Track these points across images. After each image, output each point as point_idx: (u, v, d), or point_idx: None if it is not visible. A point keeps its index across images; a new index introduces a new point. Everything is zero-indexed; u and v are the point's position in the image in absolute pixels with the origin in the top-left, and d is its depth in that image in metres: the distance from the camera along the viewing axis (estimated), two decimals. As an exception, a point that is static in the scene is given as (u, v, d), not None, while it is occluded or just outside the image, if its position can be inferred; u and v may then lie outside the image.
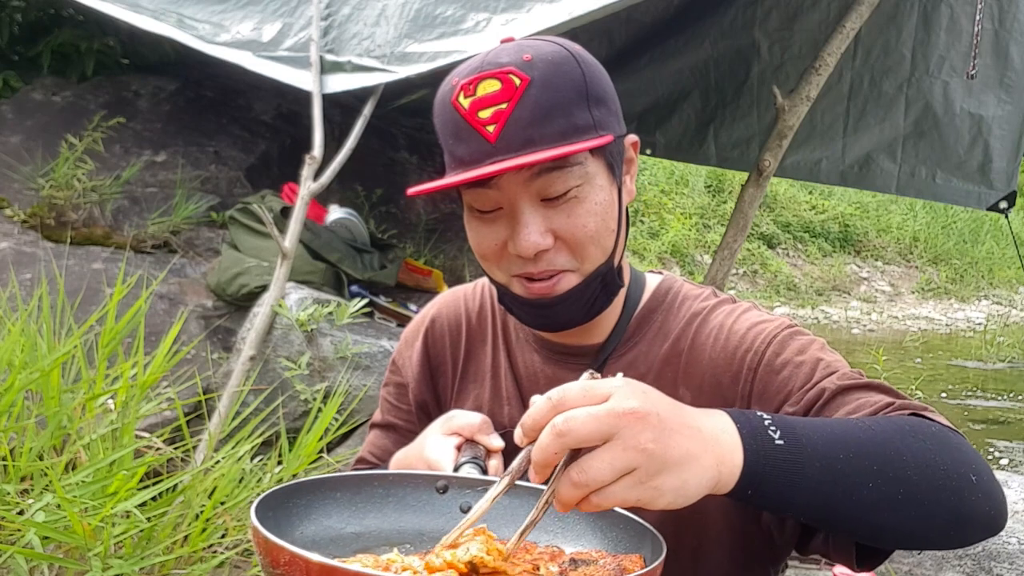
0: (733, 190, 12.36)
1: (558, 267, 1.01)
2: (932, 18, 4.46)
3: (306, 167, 3.21)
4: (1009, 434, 6.18)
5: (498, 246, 1.03)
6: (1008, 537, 3.43)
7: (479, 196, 1.01)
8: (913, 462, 0.82)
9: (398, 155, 5.24)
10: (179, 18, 3.76)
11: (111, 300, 2.36)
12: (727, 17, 4.80)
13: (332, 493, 0.89)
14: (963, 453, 0.86)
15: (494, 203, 1.01)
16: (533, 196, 0.99)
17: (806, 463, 0.79)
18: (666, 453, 0.72)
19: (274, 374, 3.03)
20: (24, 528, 1.72)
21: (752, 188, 4.37)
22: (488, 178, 0.98)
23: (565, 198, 0.99)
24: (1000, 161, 4.62)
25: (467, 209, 1.06)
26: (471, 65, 1.00)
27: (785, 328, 1.06)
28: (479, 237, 1.04)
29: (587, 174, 1.00)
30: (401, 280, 3.86)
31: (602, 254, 1.03)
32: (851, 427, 0.84)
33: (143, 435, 2.35)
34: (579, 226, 1.00)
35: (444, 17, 3.38)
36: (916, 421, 0.87)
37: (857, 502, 0.80)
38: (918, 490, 0.81)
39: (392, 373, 1.29)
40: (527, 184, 0.98)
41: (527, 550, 0.84)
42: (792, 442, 0.79)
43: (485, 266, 1.07)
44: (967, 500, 0.83)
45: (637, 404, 0.72)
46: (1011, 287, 14.18)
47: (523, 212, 0.99)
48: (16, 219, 3.73)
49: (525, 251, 0.99)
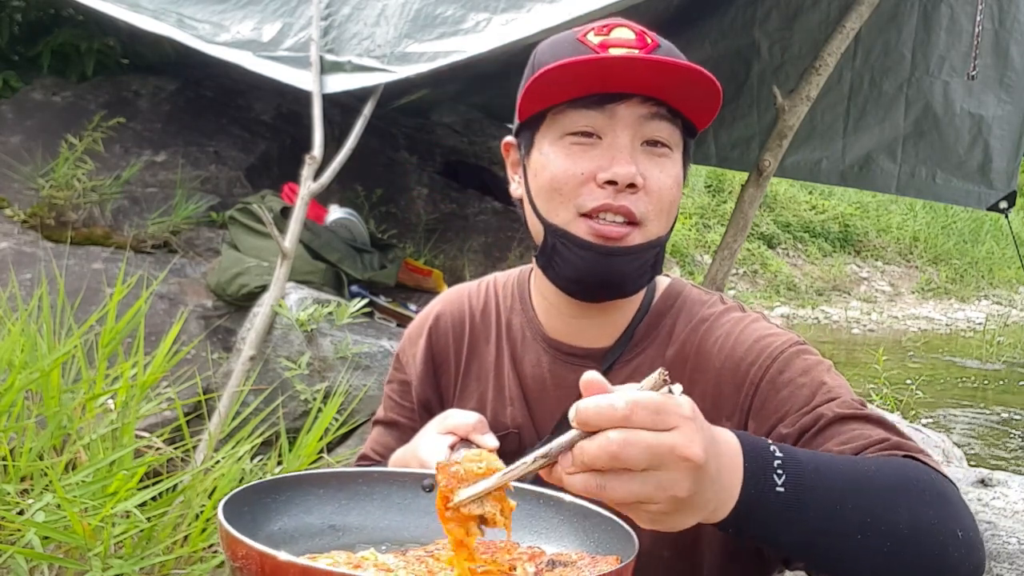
0: (733, 190, 12.35)
1: (636, 212, 1.01)
2: (932, 18, 4.46)
3: (306, 167, 3.21)
4: (1009, 433, 6.18)
5: (582, 175, 1.01)
6: (1008, 537, 3.43)
7: (584, 116, 1.01)
8: (906, 516, 0.82)
9: (398, 155, 5.24)
10: (179, 18, 3.76)
11: (111, 300, 2.36)
12: (727, 17, 4.79)
13: (315, 489, 0.88)
14: (953, 506, 0.86)
15: (596, 128, 1.01)
16: (638, 137, 1.01)
17: (801, 511, 0.78)
18: (690, 502, 0.70)
19: (274, 374, 3.03)
20: (24, 528, 1.72)
21: (752, 188, 4.38)
22: (608, 101, 0.98)
23: (661, 149, 1.02)
24: (1000, 161, 4.62)
25: (556, 138, 1.03)
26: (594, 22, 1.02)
27: (792, 344, 1.05)
28: (563, 163, 1.02)
29: (679, 144, 1.04)
30: (401, 280, 3.86)
31: (666, 224, 1.05)
32: (858, 473, 0.83)
33: (143, 435, 2.34)
34: (665, 185, 1.02)
35: (444, 17, 3.38)
36: (917, 469, 0.87)
37: (842, 550, 0.80)
38: (905, 546, 0.81)
39: (396, 370, 1.28)
40: (640, 122, 1.00)
41: (507, 550, 0.84)
42: (792, 490, 0.77)
43: (552, 200, 1.04)
44: (951, 556, 0.83)
45: (698, 452, 0.68)
46: (1011, 287, 14.17)
47: (627, 146, 1.00)
48: (16, 219, 3.73)
49: (623, 176, 0.99)
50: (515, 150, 1.14)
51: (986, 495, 3.79)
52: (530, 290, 1.19)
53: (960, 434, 6.06)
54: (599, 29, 1.00)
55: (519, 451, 1.13)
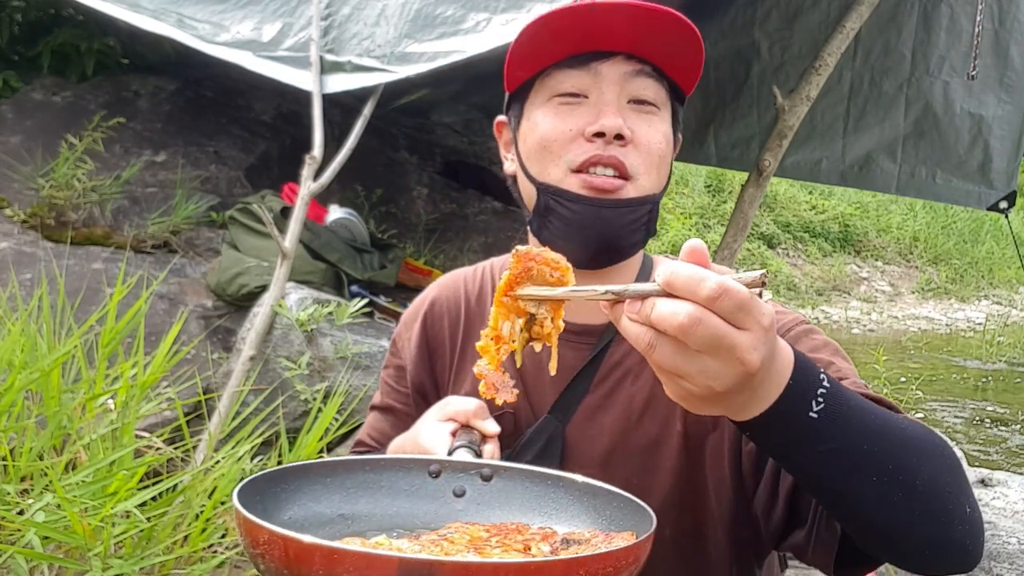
0: (733, 190, 12.35)
1: (626, 163, 1.02)
2: (932, 18, 4.46)
3: (306, 167, 3.21)
4: (1009, 433, 6.18)
5: (571, 131, 1.03)
6: (1008, 537, 3.43)
7: (569, 77, 1.03)
8: (925, 474, 0.82)
9: (398, 155, 5.24)
10: (179, 18, 3.76)
11: (111, 300, 2.36)
12: (727, 17, 4.79)
13: (322, 478, 0.88)
14: (966, 482, 0.87)
15: (582, 88, 1.03)
16: (624, 94, 1.02)
17: (826, 442, 0.77)
18: (722, 398, 0.70)
19: (274, 374, 3.02)
20: (24, 528, 1.72)
21: (752, 188, 4.37)
22: (592, 59, 1.00)
23: (648, 107, 1.03)
24: (1000, 161, 4.62)
25: (544, 100, 1.05)
26: None
27: (800, 323, 1.06)
28: (553, 122, 1.04)
29: (666, 103, 1.05)
30: (401, 280, 3.86)
31: (658, 180, 1.06)
32: (891, 422, 0.83)
33: (143, 435, 2.34)
34: (654, 140, 1.03)
35: (444, 17, 3.38)
36: (939, 438, 0.87)
37: (856, 488, 0.80)
38: (917, 500, 0.81)
39: (392, 355, 1.28)
40: (625, 79, 1.02)
41: (519, 531, 0.84)
42: (824, 419, 0.76)
43: (544, 158, 1.05)
44: (955, 527, 0.83)
45: (755, 361, 0.67)
46: (1011, 287, 14.17)
47: (615, 99, 1.02)
48: (16, 219, 3.73)
49: (610, 128, 1.00)
50: (507, 128, 1.15)
51: (986, 495, 3.79)
52: None
53: (960, 434, 6.06)
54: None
55: (515, 431, 1.13)
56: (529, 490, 0.90)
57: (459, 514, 0.89)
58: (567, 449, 1.11)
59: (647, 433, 1.08)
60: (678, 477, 1.06)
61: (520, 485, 0.90)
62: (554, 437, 1.11)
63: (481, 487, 0.91)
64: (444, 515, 0.89)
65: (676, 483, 1.06)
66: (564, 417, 1.11)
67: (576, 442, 1.11)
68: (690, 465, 1.06)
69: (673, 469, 1.06)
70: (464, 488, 0.91)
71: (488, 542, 0.81)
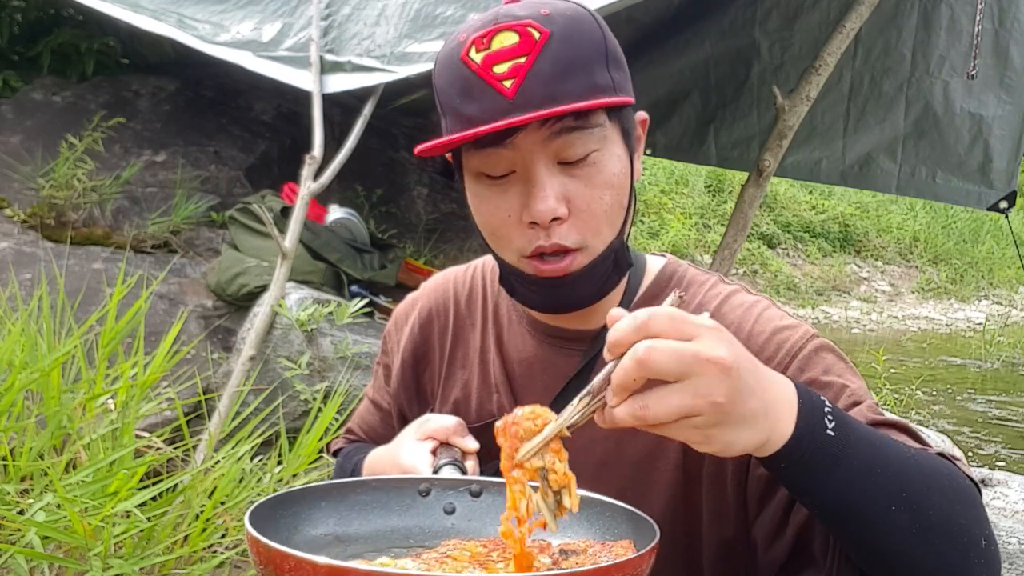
0: (733, 190, 12.35)
1: (569, 244, 0.96)
2: (932, 18, 4.46)
3: (306, 167, 3.21)
4: (1009, 433, 6.18)
5: (509, 218, 0.97)
6: (1008, 537, 3.43)
7: (491, 157, 0.95)
8: (939, 506, 0.81)
9: (398, 155, 5.24)
10: (179, 18, 3.76)
11: (111, 300, 2.36)
12: (727, 17, 4.80)
13: (318, 502, 0.89)
14: (982, 515, 0.85)
15: (507, 166, 0.95)
16: (551, 158, 0.94)
17: (846, 462, 0.77)
18: (733, 410, 0.71)
19: (274, 374, 3.03)
20: (24, 528, 1.72)
21: (752, 188, 4.38)
22: (505, 137, 0.92)
23: (584, 163, 0.95)
24: (1000, 161, 4.62)
25: (474, 178, 0.99)
26: (482, 19, 0.95)
27: (810, 339, 1.01)
28: (488, 207, 0.98)
29: (605, 139, 0.96)
30: (401, 280, 3.86)
31: (611, 232, 1.00)
32: (898, 449, 0.83)
33: (143, 435, 2.35)
34: (596, 197, 0.96)
35: (444, 17, 3.38)
36: (953, 469, 0.86)
37: (873, 517, 0.79)
38: (932, 533, 0.80)
39: (383, 353, 1.27)
40: (546, 144, 0.93)
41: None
42: (842, 437, 0.77)
43: (494, 244, 1.02)
44: (971, 561, 0.82)
45: (724, 354, 0.70)
46: (1011, 287, 14.17)
47: (540, 174, 0.94)
48: (16, 219, 3.73)
49: (541, 215, 0.94)
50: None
51: (986, 495, 3.79)
52: None
53: (960, 434, 6.06)
54: (478, 40, 0.93)
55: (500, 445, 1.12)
56: None
57: (451, 531, 0.90)
58: None
59: (641, 445, 1.05)
60: (673, 492, 1.04)
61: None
62: None
63: (471, 503, 0.92)
64: (437, 533, 0.90)
65: (671, 499, 1.04)
66: None
67: (569, 453, 1.09)
68: (687, 481, 1.04)
69: (668, 484, 1.04)
70: (454, 505, 0.92)
71: (490, 556, 0.82)
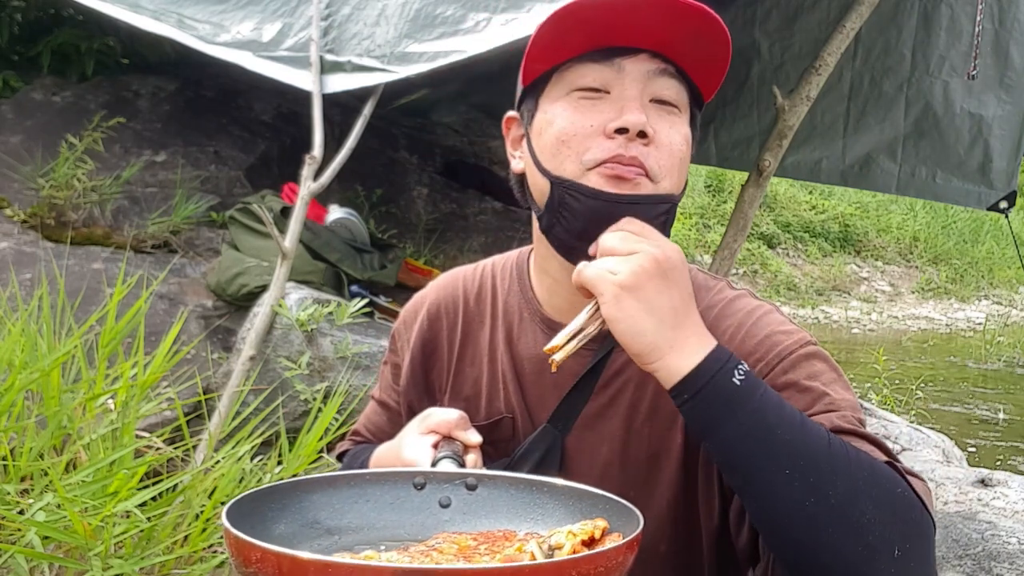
0: (733, 190, 12.35)
1: (647, 165, 0.98)
2: (932, 18, 4.46)
3: (306, 167, 3.21)
4: (1009, 433, 6.18)
5: (592, 127, 0.98)
6: (1008, 537, 3.43)
7: (591, 71, 0.99)
8: (844, 494, 0.80)
9: (398, 155, 5.24)
10: (179, 18, 3.76)
11: (111, 300, 2.36)
12: (727, 17, 4.76)
13: (309, 495, 0.89)
14: (907, 525, 0.82)
15: (604, 83, 0.99)
16: (647, 93, 0.99)
17: (744, 414, 0.83)
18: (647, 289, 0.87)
19: (274, 374, 3.03)
20: (24, 528, 1.72)
21: (752, 188, 4.37)
22: (616, 54, 0.98)
23: (670, 108, 1.01)
24: (1000, 161, 4.62)
25: (564, 95, 1.01)
26: None
27: (804, 344, 1.01)
28: (572, 116, 0.99)
29: (686, 105, 1.03)
30: (401, 280, 3.86)
31: (678, 183, 1.02)
32: (814, 428, 0.84)
33: (143, 435, 2.35)
34: (675, 141, 1.01)
35: (444, 17, 3.38)
36: (881, 468, 0.85)
37: (767, 477, 0.81)
38: (828, 517, 0.79)
39: (391, 351, 1.28)
40: (648, 78, 0.99)
41: (506, 538, 0.85)
42: (746, 390, 0.84)
43: (560, 154, 1.00)
44: (880, 566, 0.80)
45: (658, 253, 0.89)
46: (1011, 287, 14.17)
47: (635, 97, 0.98)
48: (16, 219, 3.73)
49: (633, 123, 0.96)
50: (517, 125, 1.10)
51: (986, 495, 3.79)
52: (529, 271, 1.17)
53: (960, 434, 6.06)
54: None
55: (513, 437, 1.12)
56: (515, 497, 0.90)
57: (445, 524, 0.90)
58: (566, 459, 1.09)
59: (647, 445, 1.06)
60: (676, 491, 1.05)
61: (505, 492, 0.91)
62: (553, 447, 1.09)
63: (467, 496, 0.92)
64: (431, 526, 0.90)
65: (674, 497, 1.05)
66: (564, 426, 1.09)
67: (575, 452, 1.09)
68: (687, 478, 1.05)
69: (672, 483, 1.05)
70: (450, 498, 0.92)
71: (476, 550, 0.82)
